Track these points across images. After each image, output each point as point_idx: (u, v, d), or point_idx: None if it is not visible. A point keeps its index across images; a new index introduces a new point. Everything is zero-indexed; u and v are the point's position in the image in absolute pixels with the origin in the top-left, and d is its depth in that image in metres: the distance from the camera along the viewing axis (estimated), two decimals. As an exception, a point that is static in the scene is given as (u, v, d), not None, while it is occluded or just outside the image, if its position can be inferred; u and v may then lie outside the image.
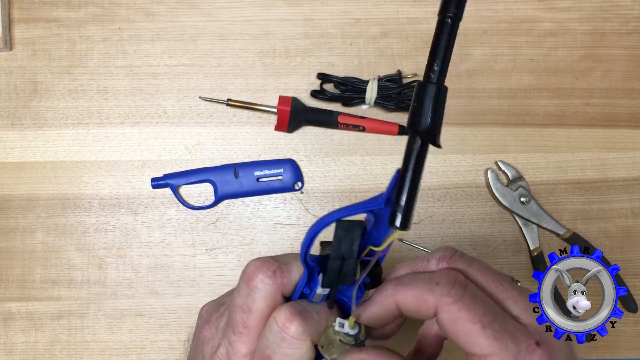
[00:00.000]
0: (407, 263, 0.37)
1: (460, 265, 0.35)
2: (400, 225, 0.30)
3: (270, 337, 0.34)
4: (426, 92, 0.30)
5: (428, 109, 0.30)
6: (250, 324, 0.35)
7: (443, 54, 0.30)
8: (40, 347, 0.65)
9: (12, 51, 0.68)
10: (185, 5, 0.69)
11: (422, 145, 0.31)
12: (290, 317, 0.34)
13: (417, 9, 0.69)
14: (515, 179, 0.67)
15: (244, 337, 0.36)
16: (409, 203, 0.30)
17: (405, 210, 0.30)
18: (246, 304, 0.36)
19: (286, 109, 0.65)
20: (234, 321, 0.36)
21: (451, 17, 0.29)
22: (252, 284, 0.35)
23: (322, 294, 0.37)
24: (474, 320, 0.31)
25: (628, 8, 0.71)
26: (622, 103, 0.69)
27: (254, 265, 0.36)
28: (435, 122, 0.31)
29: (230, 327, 0.36)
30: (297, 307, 0.34)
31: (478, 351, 0.31)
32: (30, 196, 0.67)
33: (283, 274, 0.36)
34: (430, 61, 0.30)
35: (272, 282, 0.35)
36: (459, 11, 0.29)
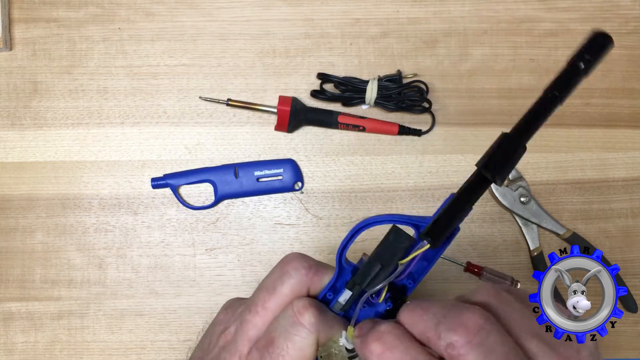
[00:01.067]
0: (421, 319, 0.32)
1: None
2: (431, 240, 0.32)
3: (282, 320, 0.34)
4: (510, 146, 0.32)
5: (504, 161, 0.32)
6: (268, 306, 0.36)
7: (537, 121, 0.33)
8: (40, 347, 0.65)
9: (12, 51, 0.68)
10: (185, 5, 0.69)
11: (483, 184, 0.33)
12: (308, 306, 0.34)
13: (417, 9, 0.69)
14: (515, 179, 0.67)
15: (258, 318, 0.36)
16: (447, 223, 0.32)
17: (440, 227, 0.32)
18: (273, 285, 0.36)
19: (286, 109, 0.65)
20: (255, 299, 0.36)
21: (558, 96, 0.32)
22: (286, 269, 0.36)
23: (341, 306, 0.36)
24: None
25: (628, 8, 0.71)
26: (622, 103, 0.69)
27: (294, 254, 0.37)
28: (505, 174, 0.33)
29: (249, 306, 0.37)
30: (317, 302, 0.35)
31: None
32: (30, 196, 0.67)
33: (317, 273, 0.36)
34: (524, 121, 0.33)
35: (305, 273, 0.36)
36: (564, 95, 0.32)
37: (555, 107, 0.32)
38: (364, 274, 0.34)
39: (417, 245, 0.34)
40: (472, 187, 0.33)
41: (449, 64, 0.69)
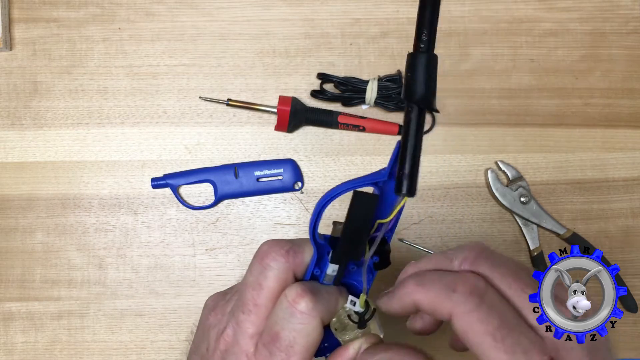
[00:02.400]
0: (431, 258, 0.36)
1: (484, 268, 0.34)
2: (407, 191, 0.31)
3: (280, 313, 0.35)
4: (418, 61, 0.31)
5: (421, 77, 0.31)
6: (260, 302, 0.36)
7: (429, 22, 0.31)
8: (40, 347, 0.65)
9: (12, 51, 0.68)
10: (185, 5, 0.69)
11: (420, 112, 0.32)
12: (301, 292, 0.34)
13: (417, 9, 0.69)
14: (515, 179, 0.67)
15: (252, 315, 0.36)
16: (413, 169, 0.31)
17: (410, 176, 0.31)
18: (257, 282, 0.36)
19: (286, 109, 0.65)
20: (244, 299, 0.36)
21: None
22: (265, 262, 0.36)
23: (333, 275, 0.37)
24: (486, 333, 0.30)
25: (628, 8, 0.71)
26: (622, 103, 0.69)
27: (267, 244, 0.37)
28: (430, 89, 0.31)
29: (240, 306, 0.37)
30: (308, 285, 0.35)
31: None
32: (30, 196, 0.67)
33: (296, 254, 0.36)
34: (418, 31, 0.32)
35: (284, 261, 0.36)
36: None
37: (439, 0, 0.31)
38: (344, 246, 0.35)
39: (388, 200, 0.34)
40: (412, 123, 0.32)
41: (449, 64, 0.69)
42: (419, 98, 0.31)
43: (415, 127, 0.32)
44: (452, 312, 0.32)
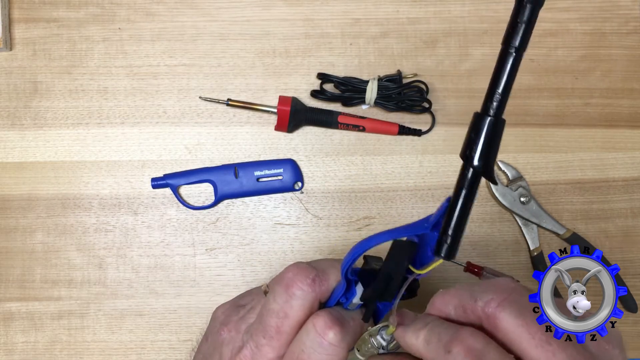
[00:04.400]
0: (456, 293, 0.35)
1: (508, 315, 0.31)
2: (446, 256, 0.30)
3: (307, 341, 0.34)
4: (484, 125, 0.29)
5: (485, 142, 0.29)
6: (284, 330, 0.36)
7: (504, 86, 0.29)
8: (40, 347, 0.65)
9: (12, 51, 0.68)
10: (185, 6, 0.69)
11: (475, 177, 0.30)
12: (330, 324, 0.34)
13: (417, 9, 0.69)
14: (515, 179, 0.67)
15: (274, 342, 0.36)
16: (456, 234, 0.30)
17: (452, 240, 0.30)
18: (283, 310, 0.36)
19: (286, 109, 0.65)
20: (267, 325, 0.36)
21: (516, 48, 0.28)
22: (291, 291, 0.35)
23: (357, 303, 0.37)
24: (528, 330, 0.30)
25: (628, 8, 0.71)
26: (622, 103, 0.69)
27: (292, 271, 0.36)
28: (491, 156, 0.29)
29: (261, 331, 0.36)
30: (335, 314, 0.35)
31: None
32: (31, 196, 0.67)
33: (322, 282, 0.36)
34: (490, 92, 0.29)
35: (311, 290, 0.36)
36: (524, 43, 0.28)
37: (519, 61, 0.29)
38: (376, 290, 0.35)
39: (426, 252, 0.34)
40: (464, 186, 0.30)
41: (449, 64, 0.69)
42: (479, 165, 0.29)
43: (468, 192, 0.30)
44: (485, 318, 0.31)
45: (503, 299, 0.32)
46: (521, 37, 0.28)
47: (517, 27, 0.27)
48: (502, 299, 0.32)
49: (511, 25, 0.28)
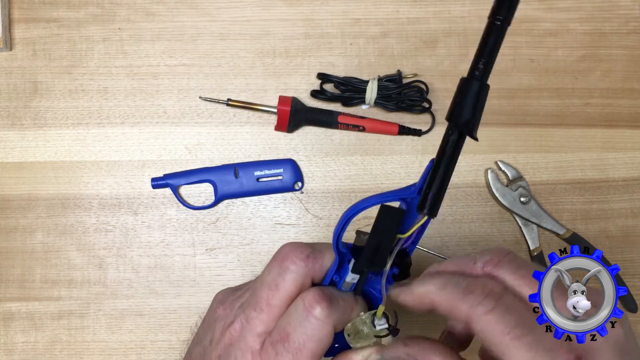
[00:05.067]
0: (454, 260, 0.37)
1: (506, 271, 0.34)
2: (428, 211, 0.32)
3: (295, 314, 0.35)
4: (470, 87, 0.31)
5: (470, 103, 0.31)
6: (274, 303, 0.36)
7: (489, 53, 0.31)
8: (41, 347, 0.65)
9: (12, 51, 0.68)
10: (185, 6, 0.69)
11: (460, 137, 0.32)
12: (318, 299, 0.35)
13: (417, 9, 0.69)
14: (515, 179, 0.67)
15: (264, 314, 0.36)
16: (439, 191, 0.32)
17: (433, 197, 0.32)
18: (275, 282, 0.36)
19: (286, 109, 0.65)
20: (258, 297, 0.37)
21: (501, 20, 0.30)
22: (285, 264, 0.36)
23: (351, 283, 0.37)
24: (504, 332, 0.30)
25: (628, 8, 0.71)
26: (622, 103, 0.69)
27: (288, 247, 0.37)
28: (475, 116, 0.31)
29: (252, 304, 0.37)
30: (326, 291, 0.35)
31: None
32: (31, 196, 0.67)
33: (315, 259, 0.36)
34: (477, 59, 0.31)
35: (304, 265, 0.36)
36: (509, 15, 0.30)
37: (503, 32, 0.31)
38: (366, 257, 0.35)
39: (413, 216, 0.35)
40: (449, 145, 0.32)
41: (449, 64, 0.69)
42: (463, 122, 0.31)
43: (452, 150, 0.32)
44: (469, 314, 0.32)
45: (500, 259, 0.34)
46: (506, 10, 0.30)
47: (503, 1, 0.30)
48: (499, 259, 0.34)
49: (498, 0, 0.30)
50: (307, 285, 0.37)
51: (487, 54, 0.31)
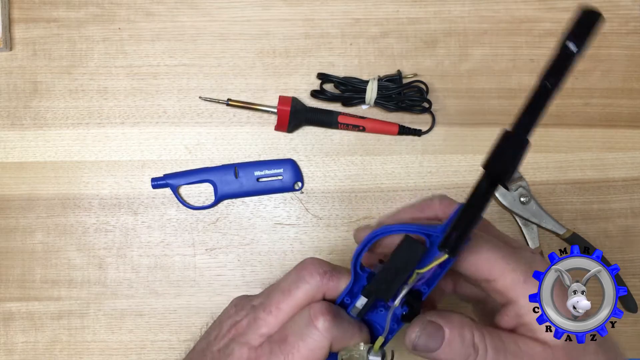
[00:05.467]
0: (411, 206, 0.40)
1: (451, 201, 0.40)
2: (450, 251, 0.32)
3: (298, 321, 0.36)
4: (511, 142, 0.32)
5: (509, 156, 0.32)
6: (282, 307, 0.37)
7: (536, 113, 0.32)
8: (41, 347, 0.65)
9: (12, 51, 0.68)
10: (185, 6, 0.69)
11: (492, 186, 0.32)
12: (324, 311, 0.36)
13: (417, 9, 0.69)
14: (515, 179, 0.67)
15: (271, 317, 0.37)
16: (464, 234, 0.32)
17: (457, 238, 0.32)
18: (288, 288, 0.37)
19: (286, 109, 0.65)
20: (269, 299, 0.38)
21: (552, 85, 0.31)
22: (302, 274, 0.37)
23: (359, 309, 0.37)
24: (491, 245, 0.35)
25: (628, 8, 0.71)
26: (622, 103, 0.69)
27: (310, 260, 0.39)
28: (511, 170, 0.32)
29: (263, 305, 0.38)
30: (334, 308, 0.36)
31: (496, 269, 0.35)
32: (31, 196, 0.67)
33: (332, 278, 0.37)
34: (522, 115, 0.32)
35: (319, 279, 0.37)
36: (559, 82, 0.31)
37: (552, 95, 0.31)
38: (378, 282, 0.35)
39: (433, 254, 0.35)
40: (480, 192, 0.32)
41: (449, 64, 0.69)
42: (499, 173, 0.32)
43: (483, 197, 0.32)
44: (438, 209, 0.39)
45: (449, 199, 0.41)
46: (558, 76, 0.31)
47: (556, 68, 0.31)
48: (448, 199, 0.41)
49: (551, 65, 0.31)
50: (317, 299, 0.37)
51: (533, 113, 0.31)
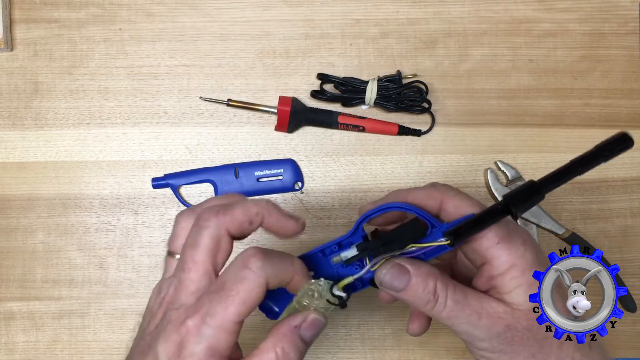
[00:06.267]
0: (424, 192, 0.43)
1: None
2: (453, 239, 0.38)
3: (231, 268, 0.38)
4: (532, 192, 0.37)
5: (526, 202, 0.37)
6: (197, 259, 0.38)
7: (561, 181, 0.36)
8: (42, 346, 0.66)
9: (13, 52, 0.68)
10: (185, 6, 0.69)
11: (502, 214, 0.37)
12: (254, 252, 0.37)
13: (417, 9, 0.70)
14: (514, 179, 0.67)
15: (192, 272, 0.38)
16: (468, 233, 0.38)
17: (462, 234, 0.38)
18: (194, 241, 0.38)
19: (286, 109, 0.65)
20: (184, 259, 0.39)
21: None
22: (199, 224, 0.39)
23: (340, 261, 0.42)
24: (472, 204, 0.40)
25: (627, 9, 0.71)
26: (621, 103, 0.70)
27: (201, 209, 0.40)
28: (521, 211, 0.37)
29: (180, 267, 0.39)
30: (263, 249, 0.38)
31: None
32: (31, 196, 0.67)
33: (225, 213, 0.38)
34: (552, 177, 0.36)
35: (214, 220, 0.38)
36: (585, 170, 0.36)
37: (574, 176, 0.36)
38: (376, 243, 0.40)
39: (431, 239, 0.40)
40: (493, 213, 0.37)
41: (449, 65, 0.69)
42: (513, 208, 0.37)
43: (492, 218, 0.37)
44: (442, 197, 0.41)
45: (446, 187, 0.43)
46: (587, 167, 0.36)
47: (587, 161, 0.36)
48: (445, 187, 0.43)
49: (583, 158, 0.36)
50: (223, 237, 0.39)
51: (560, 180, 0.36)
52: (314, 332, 0.38)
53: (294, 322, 0.38)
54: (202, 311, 0.36)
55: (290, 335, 0.37)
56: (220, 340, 0.35)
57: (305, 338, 0.38)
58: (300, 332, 0.38)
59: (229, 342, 0.36)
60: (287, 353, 0.36)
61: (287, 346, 0.37)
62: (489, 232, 0.38)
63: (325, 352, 0.66)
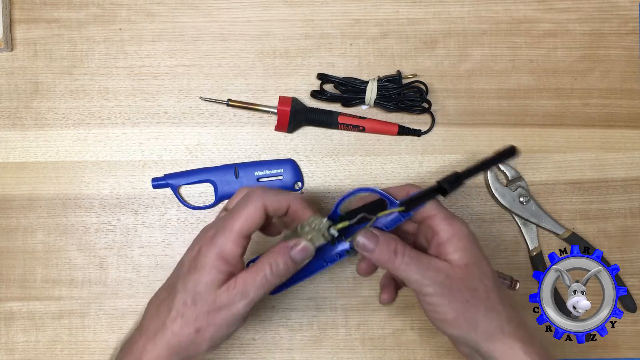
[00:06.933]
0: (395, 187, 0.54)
1: None
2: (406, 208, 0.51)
3: (238, 200, 0.52)
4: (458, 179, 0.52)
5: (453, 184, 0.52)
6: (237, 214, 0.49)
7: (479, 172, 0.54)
8: (41, 346, 0.66)
9: (13, 52, 0.68)
10: (185, 6, 0.69)
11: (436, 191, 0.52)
12: (256, 188, 0.51)
13: (417, 9, 0.70)
14: (514, 179, 0.67)
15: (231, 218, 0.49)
16: (416, 203, 0.51)
17: (412, 203, 0.51)
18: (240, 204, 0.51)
19: (286, 109, 0.65)
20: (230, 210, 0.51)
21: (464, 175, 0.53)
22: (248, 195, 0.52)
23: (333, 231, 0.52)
24: None
25: (627, 9, 0.71)
26: (621, 103, 0.70)
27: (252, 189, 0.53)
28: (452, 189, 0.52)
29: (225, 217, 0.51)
30: (264, 187, 0.55)
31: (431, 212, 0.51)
32: (31, 196, 0.67)
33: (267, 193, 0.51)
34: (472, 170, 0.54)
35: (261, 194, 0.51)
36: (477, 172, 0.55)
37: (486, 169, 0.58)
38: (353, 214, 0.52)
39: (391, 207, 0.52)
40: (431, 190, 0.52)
41: (449, 65, 0.69)
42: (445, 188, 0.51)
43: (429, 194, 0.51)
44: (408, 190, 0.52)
45: None
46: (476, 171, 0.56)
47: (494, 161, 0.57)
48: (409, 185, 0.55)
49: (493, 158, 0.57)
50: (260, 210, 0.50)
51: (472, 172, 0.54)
52: (302, 256, 0.49)
53: (288, 243, 0.49)
54: (217, 226, 0.49)
55: (282, 252, 0.49)
56: (227, 249, 0.48)
57: (295, 259, 0.49)
58: (291, 252, 0.49)
59: (234, 252, 0.48)
60: (277, 264, 0.48)
61: (279, 260, 0.48)
62: (440, 212, 0.51)
63: (326, 352, 0.66)
